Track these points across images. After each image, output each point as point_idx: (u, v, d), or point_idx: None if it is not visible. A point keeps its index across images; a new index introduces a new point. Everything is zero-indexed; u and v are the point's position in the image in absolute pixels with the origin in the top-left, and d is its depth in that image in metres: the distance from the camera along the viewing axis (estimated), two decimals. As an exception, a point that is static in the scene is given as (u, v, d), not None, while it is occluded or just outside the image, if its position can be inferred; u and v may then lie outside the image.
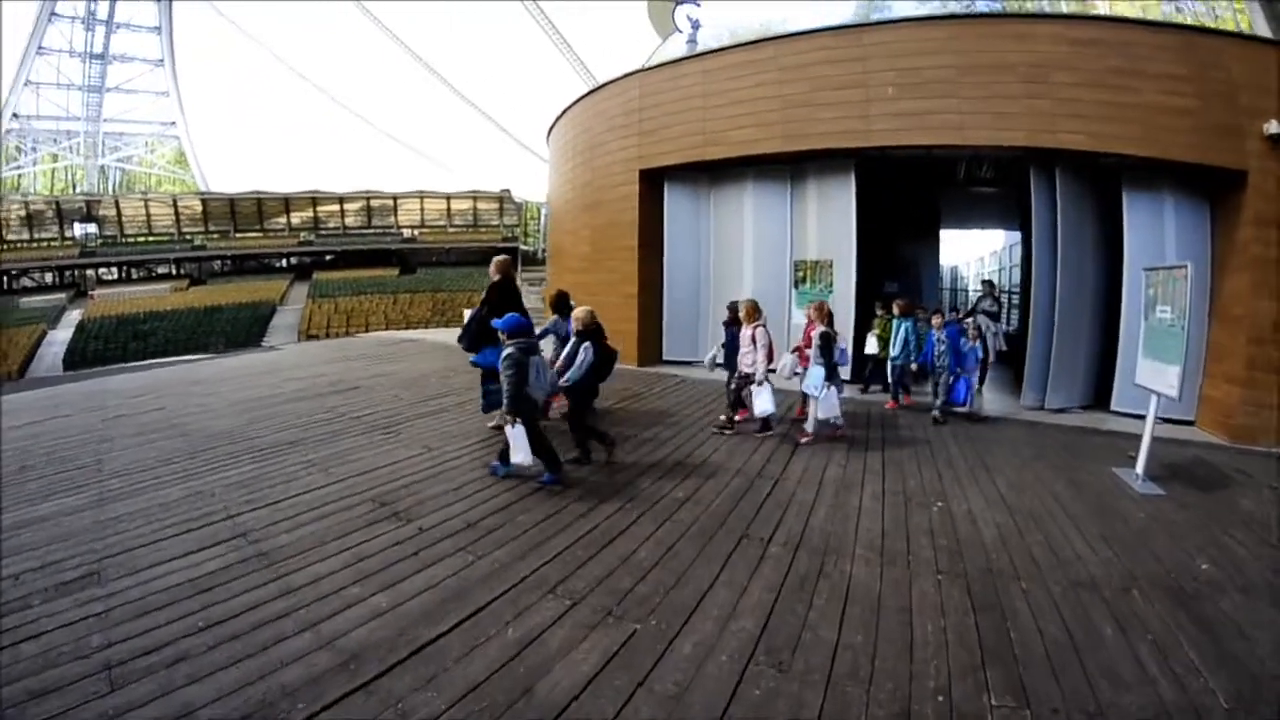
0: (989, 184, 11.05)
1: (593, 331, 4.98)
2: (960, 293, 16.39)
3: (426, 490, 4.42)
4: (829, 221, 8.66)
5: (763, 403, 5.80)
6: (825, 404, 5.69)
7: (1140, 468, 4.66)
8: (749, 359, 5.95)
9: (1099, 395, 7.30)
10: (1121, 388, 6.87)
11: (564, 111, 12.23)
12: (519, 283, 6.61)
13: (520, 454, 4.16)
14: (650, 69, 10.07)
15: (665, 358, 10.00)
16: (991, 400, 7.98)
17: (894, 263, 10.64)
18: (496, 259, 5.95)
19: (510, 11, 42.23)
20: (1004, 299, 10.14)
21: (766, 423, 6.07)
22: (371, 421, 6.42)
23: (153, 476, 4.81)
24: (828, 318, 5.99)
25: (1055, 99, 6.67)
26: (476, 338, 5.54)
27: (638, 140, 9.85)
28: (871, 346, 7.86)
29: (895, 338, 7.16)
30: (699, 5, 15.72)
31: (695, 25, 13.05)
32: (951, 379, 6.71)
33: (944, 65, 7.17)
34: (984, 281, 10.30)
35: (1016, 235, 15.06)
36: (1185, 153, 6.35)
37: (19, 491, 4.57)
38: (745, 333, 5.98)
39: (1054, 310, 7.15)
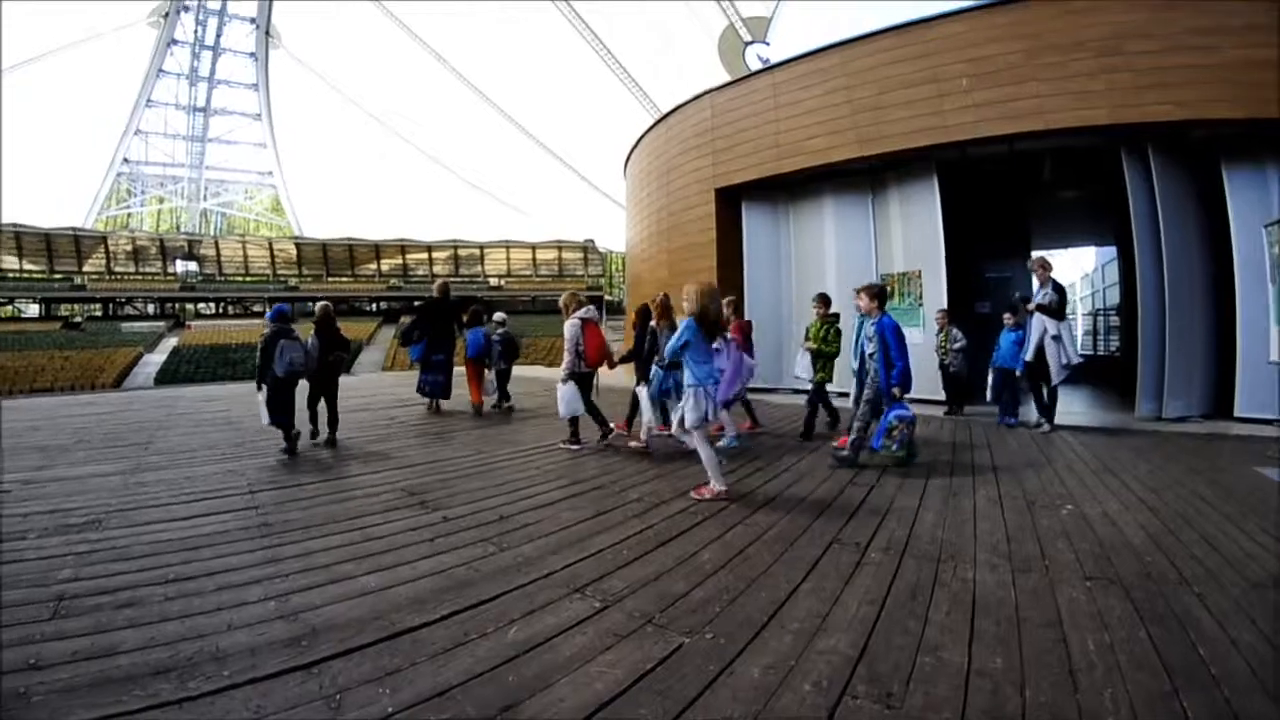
0: (1078, 185, 9.82)
1: (319, 323, 5.55)
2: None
3: (464, 485, 3.98)
4: (914, 228, 7.92)
5: (562, 404, 5.06)
6: (646, 408, 4.94)
7: (1289, 462, 3.95)
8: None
9: (1219, 404, 6.44)
10: (1245, 390, 6.10)
11: (639, 140, 12.26)
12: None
13: (265, 418, 4.80)
14: (720, 87, 9.88)
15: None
16: (1101, 414, 6.93)
17: (984, 284, 9.60)
18: (442, 280, 7.77)
19: (591, 66, 44.71)
20: (1066, 289, 5.89)
21: (582, 425, 5.26)
22: (424, 429, 6.19)
23: (192, 457, 4.82)
24: (660, 308, 5.13)
25: (1135, 70, 6.18)
26: (407, 337, 7.42)
27: (712, 159, 9.59)
28: (803, 366, 5.75)
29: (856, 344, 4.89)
30: (769, 44, 15.85)
31: (766, 64, 13.02)
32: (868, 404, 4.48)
33: (1014, 50, 6.79)
34: (1031, 264, 6.08)
35: (1109, 253, 13.57)
36: (1280, 109, 5.52)
37: (65, 457, 4.76)
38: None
39: (1164, 309, 6.39)
